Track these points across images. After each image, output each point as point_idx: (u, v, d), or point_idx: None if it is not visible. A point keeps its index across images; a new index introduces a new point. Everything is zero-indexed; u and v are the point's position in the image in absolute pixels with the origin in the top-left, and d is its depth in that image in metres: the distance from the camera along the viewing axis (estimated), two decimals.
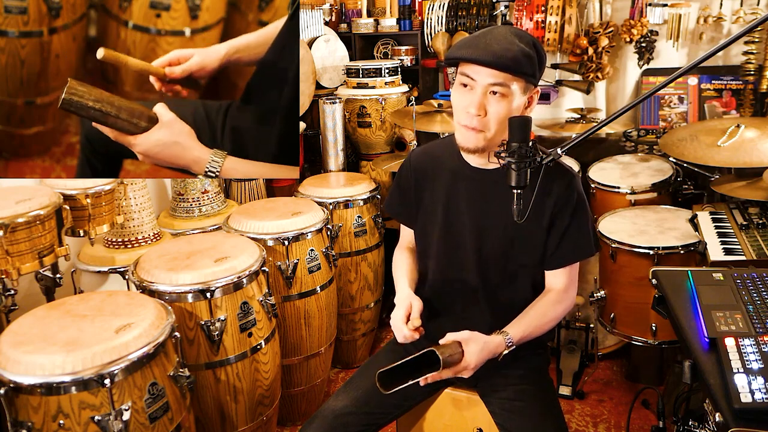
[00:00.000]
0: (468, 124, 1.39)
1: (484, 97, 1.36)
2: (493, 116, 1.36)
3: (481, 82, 1.35)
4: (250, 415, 1.94)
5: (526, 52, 1.33)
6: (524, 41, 1.35)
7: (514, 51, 1.32)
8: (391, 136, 3.25)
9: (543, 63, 1.40)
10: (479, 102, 1.35)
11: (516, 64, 1.32)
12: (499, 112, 1.36)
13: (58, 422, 1.35)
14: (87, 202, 1.94)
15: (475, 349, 1.33)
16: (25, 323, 1.51)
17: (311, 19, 3.32)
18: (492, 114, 1.36)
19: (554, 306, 1.49)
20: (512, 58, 1.31)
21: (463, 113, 1.39)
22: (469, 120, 1.38)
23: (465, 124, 1.39)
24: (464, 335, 1.35)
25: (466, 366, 1.32)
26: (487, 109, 1.36)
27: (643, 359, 2.60)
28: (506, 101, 1.36)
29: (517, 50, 1.32)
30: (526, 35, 1.38)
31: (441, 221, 1.55)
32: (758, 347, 1.10)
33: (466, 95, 1.38)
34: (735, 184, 2.22)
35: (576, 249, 1.50)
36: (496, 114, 1.36)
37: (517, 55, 1.32)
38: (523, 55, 1.32)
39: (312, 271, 2.31)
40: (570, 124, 3.04)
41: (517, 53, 1.32)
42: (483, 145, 1.41)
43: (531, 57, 1.34)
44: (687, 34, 2.97)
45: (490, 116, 1.37)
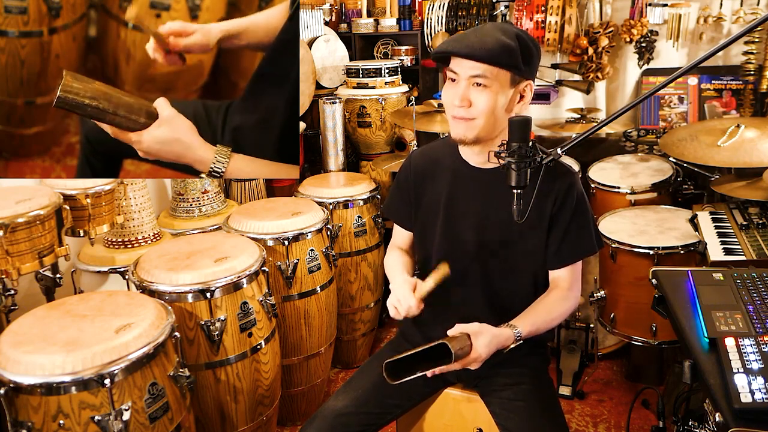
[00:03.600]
0: (456, 114, 1.43)
1: (467, 89, 1.40)
2: (479, 106, 1.40)
3: (464, 75, 1.39)
4: (250, 415, 1.94)
5: (505, 44, 1.35)
6: (507, 34, 1.37)
7: (491, 43, 1.35)
8: (391, 136, 3.25)
9: (532, 55, 1.40)
10: (462, 94, 1.40)
11: (491, 55, 1.34)
12: (483, 103, 1.39)
13: (58, 422, 1.35)
14: (87, 202, 1.94)
15: (484, 341, 1.33)
16: (25, 323, 1.51)
17: (311, 19, 3.32)
18: (477, 104, 1.40)
19: (560, 303, 1.49)
20: (488, 49, 1.34)
21: (450, 106, 1.44)
22: (456, 110, 1.42)
23: (453, 115, 1.44)
24: (473, 327, 1.35)
25: (476, 358, 1.32)
26: (471, 101, 1.40)
27: (643, 359, 2.60)
28: (489, 92, 1.38)
29: (495, 42, 1.35)
30: (511, 29, 1.39)
31: (442, 221, 1.56)
32: (758, 347, 1.10)
33: (452, 89, 1.43)
34: (735, 184, 2.22)
35: (578, 247, 1.50)
36: (482, 104, 1.39)
37: (495, 47, 1.34)
38: (501, 47, 1.34)
39: (312, 271, 2.31)
40: (570, 124, 3.04)
41: (494, 45, 1.34)
42: (474, 135, 1.43)
43: (511, 49, 1.35)
44: (687, 34, 2.97)
45: (475, 106, 1.40)
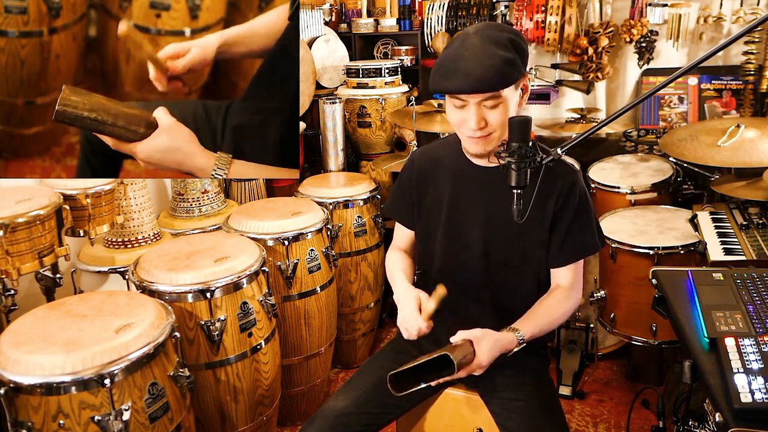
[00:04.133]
0: (472, 135, 1.41)
1: (480, 110, 1.37)
2: (494, 123, 1.38)
3: (473, 101, 1.36)
4: (250, 415, 1.94)
5: (507, 60, 1.31)
6: (502, 46, 1.32)
7: (495, 66, 1.30)
8: (391, 136, 3.25)
9: (526, 53, 1.39)
10: (477, 116, 1.37)
11: (500, 78, 1.31)
12: (498, 119, 1.38)
13: (58, 422, 1.35)
14: (87, 202, 1.94)
15: (486, 347, 1.32)
16: (25, 323, 1.51)
17: (311, 19, 3.32)
18: (492, 122, 1.38)
19: (562, 303, 1.49)
20: (495, 74, 1.30)
21: (464, 127, 1.41)
22: (472, 132, 1.40)
23: (470, 136, 1.42)
24: (476, 333, 1.34)
25: (479, 365, 1.32)
26: (486, 120, 1.38)
27: (643, 359, 2.60)
28: (502, 106, 1.37)
29: (498, 63, 1.30)
30: (503, 37, 1.34)
31: (444, 221, 1.56)
32: (758, 347, 1.10)
33: (461, 112, 1.40)
34: (735, 184, 2.22)
35: (580, 246, 1.50)
36: (497, 120, 1.38)
37: (500, 68, 1.30)
38: (506, 64, 1.31)
39: (312, 271, 2.31)
40: (570, 124, 3.04)
41: (499, 67, 1.30)
42: (492, 147, 1.42)
43: (513, 61, 1.32)
44: (687, 34, 2.97)
45: (491, 124, 1.39)
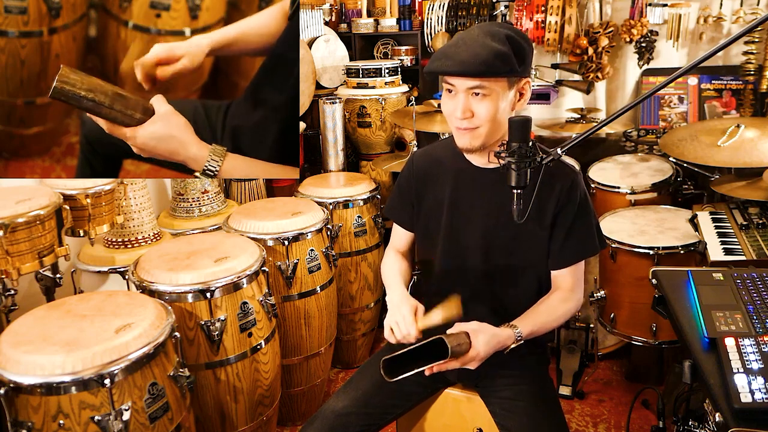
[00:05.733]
0: (459, 126, 1.42)
1: (467, 100, 1.38)
2: (481, 116, 1.38)
3: (461, 87, 1.37)
4: (250, 415, 1.94)
5: (498, 52, 1.32)
6: (497, 39, 1.33)
7: (484, 55, 1.31)
8: (391, 136, 3.25)
9: (525, 54, 1.38)
10: (463, 106, 1.38)
11: (487, 67, 1.32)
12: (485, 112, 1.38)
13: (58, 422, 1.35)
14: (87, 202, 1.94)
15: (483, 339, 1.32)
16: (25, 323, 1.51)
17: (311, 19, 3.32)
18: (479, 114, 1.38)
19: (562, 304, 1.49)
20: (482, 62, 1.31)
21: (452, 117, 1.42)
22: (459, 122, 1.41)
23: (457, 126, 1.42)
24: (473, 326, 1.34)
25: (474, 356, 1.31)
26: (473, 110, 1.38)
27: (643, 359, 2.60)
28: (490, 100, 1.37)
29: (488, 53, 1.31)
30: (500, 31, 1.35)
31: (445, 221, 1.55)
32: (758, 347, 1.10)
33: (451, 100, 1.41)
34: (735, 184, 2.22)
35: (580, 247, 1.50)
36: (484, 113, 1.38)
37: (488, 58, 1.31)
38: (495, 56, 1.31)
39: (312, 271, 2.31)
40: (570, 124, 3.04)
41: (487, 56, 1.31)
42: (479, 143, 1.42)
43: (505, 55, 1.32)
44: (687, 34, 2.97)
45: (477, 116, 1.39)
